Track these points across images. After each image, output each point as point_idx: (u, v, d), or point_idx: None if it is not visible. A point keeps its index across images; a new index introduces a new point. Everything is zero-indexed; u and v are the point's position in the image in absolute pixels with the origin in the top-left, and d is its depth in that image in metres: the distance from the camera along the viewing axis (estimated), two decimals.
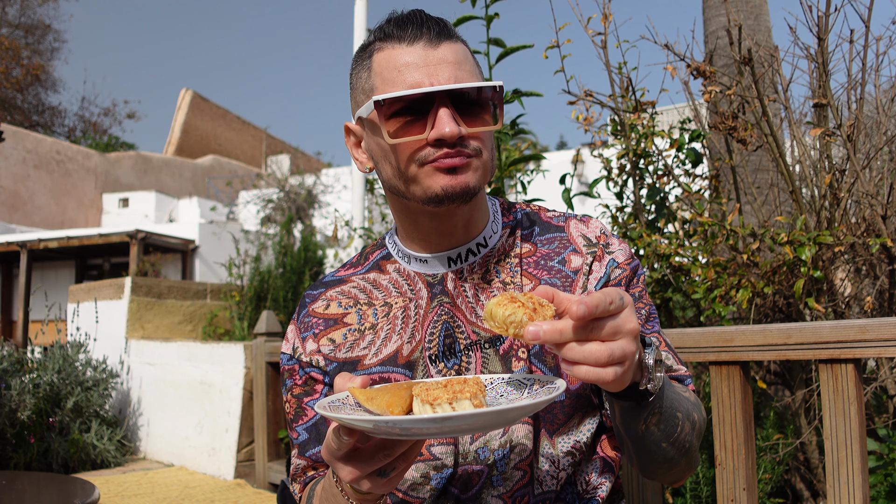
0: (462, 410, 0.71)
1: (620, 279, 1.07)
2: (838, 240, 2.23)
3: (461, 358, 1.03)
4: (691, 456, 1.01)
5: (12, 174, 18.46)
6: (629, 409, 0.88)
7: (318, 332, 1.11)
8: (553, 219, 1.14)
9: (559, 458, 1.02)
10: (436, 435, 0.71)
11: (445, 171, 0.96)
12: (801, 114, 3.11)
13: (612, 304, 0.71)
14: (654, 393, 0.84)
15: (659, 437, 0.93)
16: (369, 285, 1.13)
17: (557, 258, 1.08)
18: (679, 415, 0.94)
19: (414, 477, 1.03)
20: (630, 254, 1.11)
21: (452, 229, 1.05)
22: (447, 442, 1.02)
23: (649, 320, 1.09)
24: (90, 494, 2.04)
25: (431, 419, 0.67)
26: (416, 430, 0.69)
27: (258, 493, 4.38)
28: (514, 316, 0.72)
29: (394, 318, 1.08)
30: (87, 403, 5.22)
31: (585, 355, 0.70)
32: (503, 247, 1.10)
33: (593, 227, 1.12)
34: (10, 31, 26.50)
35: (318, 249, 7.21)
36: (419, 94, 0.94)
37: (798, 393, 2.52)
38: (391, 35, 0.99)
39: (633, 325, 0.72)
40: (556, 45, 2.68)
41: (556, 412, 1.02)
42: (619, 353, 0.71)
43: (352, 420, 0.69)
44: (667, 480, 1.05)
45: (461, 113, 0.96)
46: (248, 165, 26.68)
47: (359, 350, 1.08)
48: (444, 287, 1.07)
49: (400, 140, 0.96)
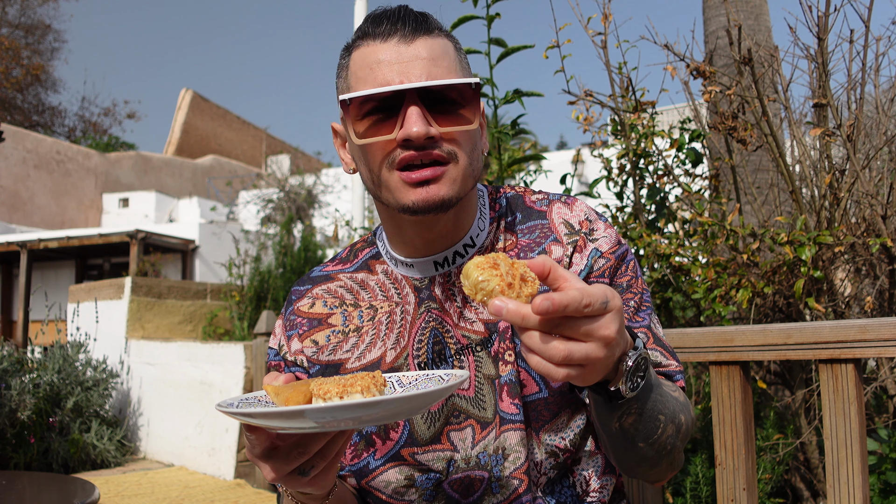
0: (335, 402, 0.69)
1: (604, 270, 1.02)
2: (838, 240, 2.23)
3: (452, 364, 1.01)
4: (673, 457, 0.97)
5: (12, 174, 18.46)
6: (601, 404, 0.85)
7: (301, 332, 1.09)
8: (536, 202, 1.09)
9: (542, 460, 0.99)
10: (324, 426, 0.69)
11: (416, 185, 0.92)
12: (801, 114, 3.11)
13: (588, 306, 0.66)
14: (625, 396, 0.80)
15: (635, 436, 0.89)
16: (356, 285, 1.09)
17: (538, 249, 1.03)
18: (661, 417, 0.90)
19: (398, 480, 1.01)
20: (616, 240, 1.05)
21: (436, 236, 1.00)
22: (435, 448, 1.00)
23: (640, 310, 1.03)
24: (90, 494, 2.04)
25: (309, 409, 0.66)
26: (279, 422, 0.68)
27: (258, 493, 4.38)
28: (488, 284, 0.67)
29: (378, 323, 1.05)
30: (87, 403, 5.22)
31: (542, 349, 0.67)
32: (491, 243, 1.05)
33: (577, 210, 1.06)
34: (10, 31, 26.50)
35: (318, 249, 7.22)
36: (385, 92, 0.89)
37: (798, 393, 2.52)
38: (367, 32, 0.96)
39: (609, 333, 0.68)
40: (557, 46, 2.68)
41: (542, 409, 0.99)
42: (578, 356, 0.67)
43: (234, 414, 0.69)
44: (647, 478, 1.01)
45: (434, 112, 0.91)
46: (248, 165, 26.68)
47: (341, 353, 1.05)
48: (432, 292, 1.03)
49: (367, 140, 0.92)
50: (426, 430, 1.00)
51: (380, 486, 1.02)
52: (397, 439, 1.01)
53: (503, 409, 0.98)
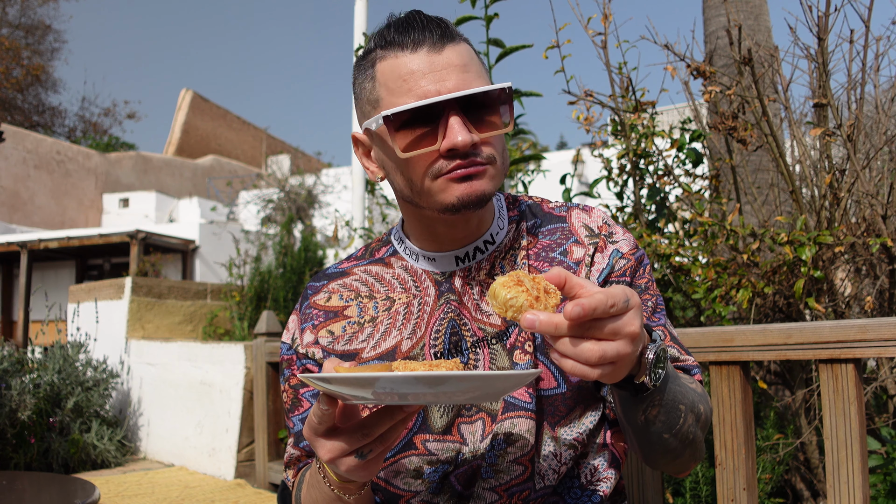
0: (445, 371, 0.70)
1: (625, 269, 1.06)
2: (838, 240, 2.23)
3: (468, 356, 1.03)
4: (696, 447, 1.01)
5: (12, 174, 18.46)
6: (627, 399, 0.88)
7: (317, 323, 1.11)
8: (555, 209, 1.13)
9: (561, 452, 1.01)
10: (419, 398, 0.71)
11: (459, 181, 0.95)
12: (801, 114, 3.11)
13: (613, 306, 0.70)
14: (650, 388, 0.84)
15: (660, 428, 0.93)
16: (371, 278, 1.12)
17: (559, 249, 1.07)
18: (682, 407, 0.94)
19: (407, 471, 1.02)
20: (634, 243, 1.09)
21: (465, 233, 1.05)
22: (445, 439, 1.02)
23: (656, 311, 1.08)
24: (90, 494, 2.04)
25: (415, 376, 0.68)
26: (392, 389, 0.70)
27: (258, 494, 4.38)
28: (516, 300, 0.71)
29: (395, 313, 1.07)
30: (88, 403, 5.22)
31: (576, 353, 0.70)
32: (509, 242, 1.09)
33: (596, 216, 1.10)
34: (10, 31, 26.51)
35: (319, 249, 7.22)
36: (428, 104, 0.91)
37: (798, 393, 2.52)
38: (393, 42, 0.96)
39: (634, 329, 0.72)
40: (557, 46, 2.68)
41: (558, 404, 1.01)
42: (611, 355, 0.71)
43: (332, 377, 0.70)
44: (671, 470, 1.05)
45: (472, 119, 0.93)
46: (248, 165, 26.68)
47: (357, 343, 1.07)
48: (452, 285, 1.06)
49: (412, 153, 0.93)
50: (439, 419, 1.03)
51: (389, 476, 1.04)
52: (411, 427, 1.03)
53: (514, 395, 1.00)
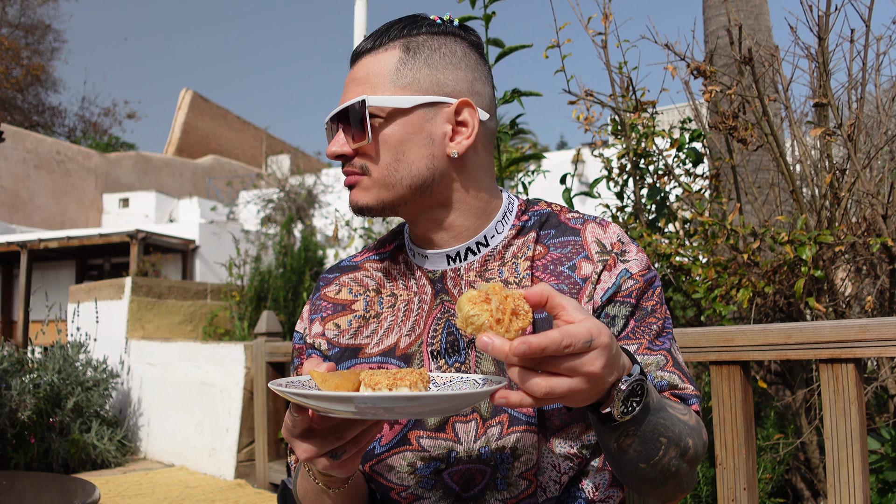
0: (391, 392, 0.72)
1: (632, 291, 1.04)
2: (839, 239, 2.23)
3: (464, 356, 1.03)
4: (681, 479, 0.98)
5: (12, 174, 18.47)
6: (596, 423, 0.86)
7: (325, 315, 1.13)
8: (571, 220, 1.12)
9: (559, 463, 1.01)
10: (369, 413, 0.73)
11: (348, 188, 1.06)
12: (801, 113, 3.11)
13: (568, 346, 0.67)
14: (617, 420, 0.81)
15: (634, 457, 0.90)
16: (380, 273, 1.15)
17: (568, 263, 1.06)
18: (663, 440, 0.90)
19: (401, 465, 1.03)
20: (646, 264, 1.08)
21: (428, 236, 1.08)
22: (439, 436, 1.03)
23: (660, 335, 1.06)
24: (90, 494, 2.04)
25: (359, 396, 0.69)
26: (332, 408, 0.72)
27: (258, 494, 4.38)
28: (477, 319, 0.69)
29: (397, 311, 1.09)
30: (88, 403, 5.23)
31: (523, 385, 0.70)
32: (507, 247, 1.09)
33: (611, 232, 1.09)
34: (10, 31, 26.51)
35: (319, 249, 7.22)
36: (328, 118, 1.04)
37: (798, 393, 2.52)
38: None
39: (593, 369, 0.69)
40: (557, 45, 2.68)
41: (553, 419, 1.00)
42: (560, 391, 0.69)
43: (287, 393, 0.73)
44: (655, 497, 1.02)
45: (350, 132, 1.01)
46: (248, 165, 26.69)
47: (362, 338, 1.09)
48: (445, 285, 1.07)
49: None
50: (433, 418, 1.03)
51: (383, 470, 1.04)
52: (405, 422, 1.04)
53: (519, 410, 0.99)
